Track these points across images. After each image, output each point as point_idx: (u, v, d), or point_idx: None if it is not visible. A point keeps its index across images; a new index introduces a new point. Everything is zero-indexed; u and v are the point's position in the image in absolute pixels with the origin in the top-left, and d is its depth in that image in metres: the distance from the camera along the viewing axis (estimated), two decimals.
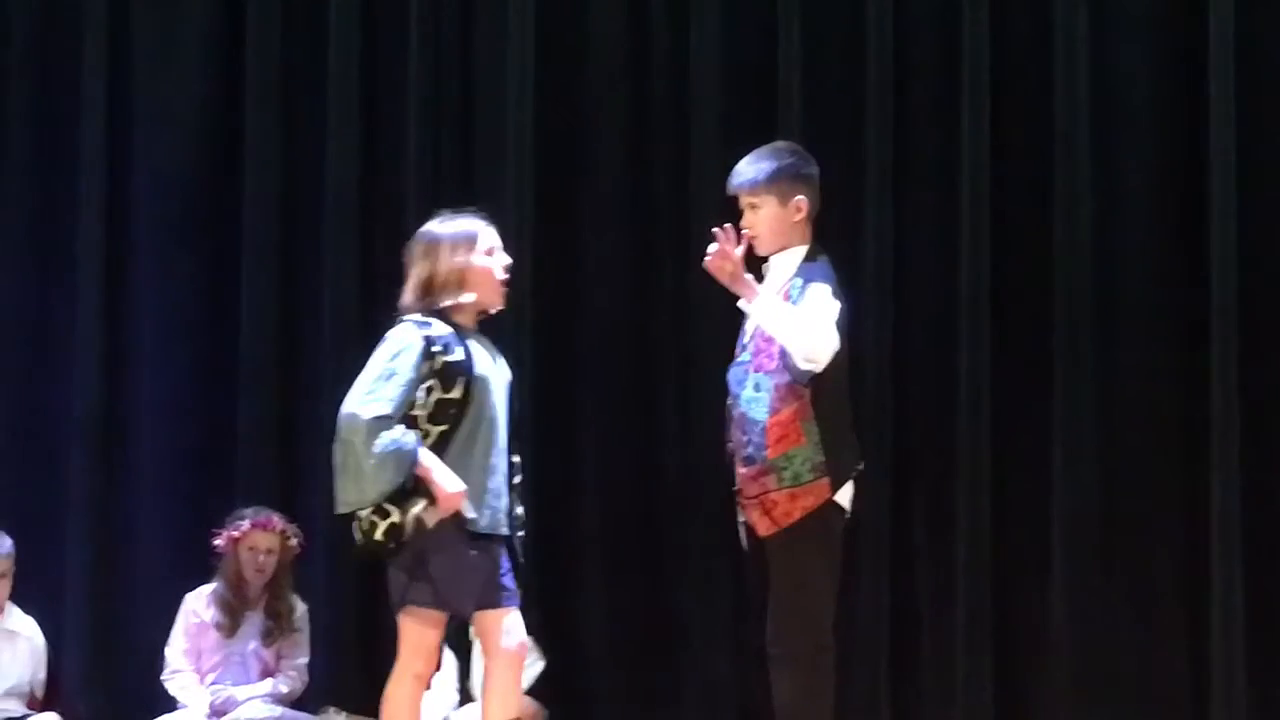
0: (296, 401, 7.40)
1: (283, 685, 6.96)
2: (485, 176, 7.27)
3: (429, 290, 5.65)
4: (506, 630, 5.60)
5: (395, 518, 5.46)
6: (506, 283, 5.74)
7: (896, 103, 7.04)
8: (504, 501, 5.64)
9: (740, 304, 5.82)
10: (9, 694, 6.94)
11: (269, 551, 6.96)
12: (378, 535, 5.48)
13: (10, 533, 6.98)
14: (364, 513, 5.50)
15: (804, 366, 5.70)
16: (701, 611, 7.08)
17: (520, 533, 5.72)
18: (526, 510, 5.80)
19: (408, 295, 5.68)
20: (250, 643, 6.98)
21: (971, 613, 6.90)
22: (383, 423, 5.45)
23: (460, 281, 5.64)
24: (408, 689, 5.59)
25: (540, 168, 7.21)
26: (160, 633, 7.01)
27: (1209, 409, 6.77)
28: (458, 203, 7.07)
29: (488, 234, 5.72)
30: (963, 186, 6.96)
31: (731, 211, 5.93)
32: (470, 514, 5.52)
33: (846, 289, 5.85)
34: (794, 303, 5.75)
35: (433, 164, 7.34)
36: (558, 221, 7.24)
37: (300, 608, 7.06)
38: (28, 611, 7.03)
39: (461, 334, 5.62)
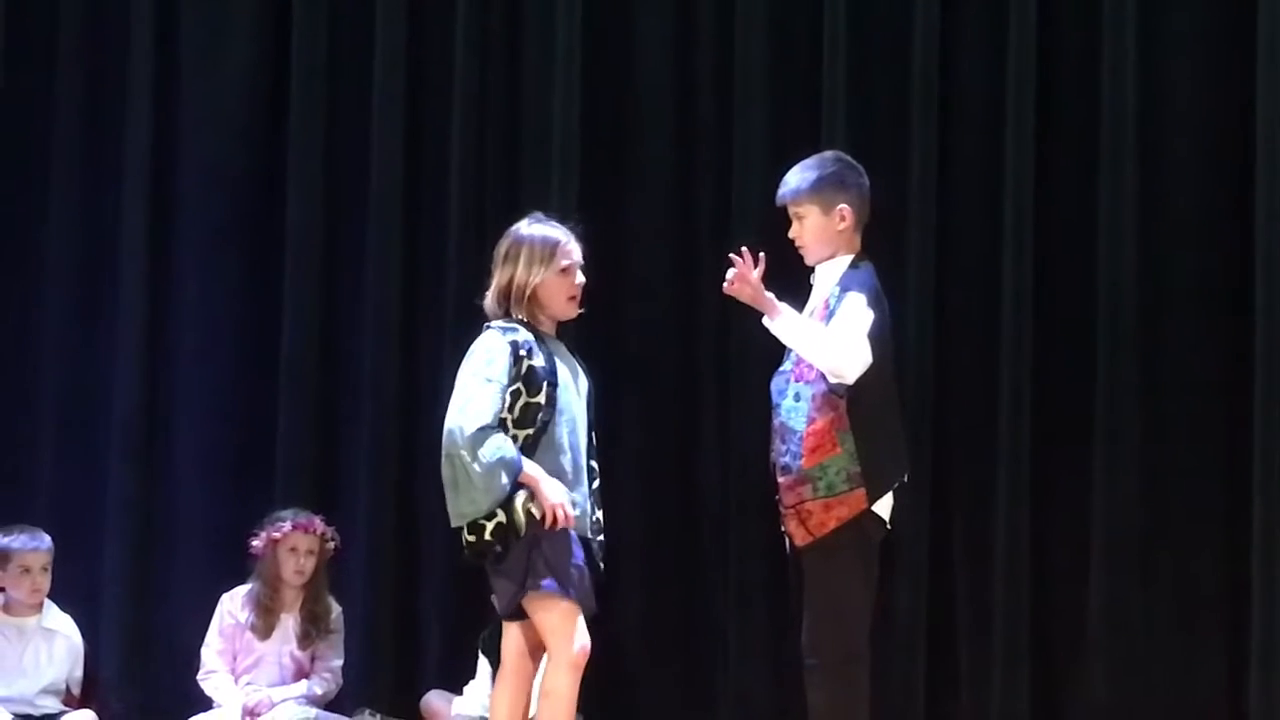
0: (337, 402, 7.41)
1: (317, 687, 6.96)
2: (529, 181, 7.26)
3: (505, 297, 5.70)
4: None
5: (501, 517, 5.50)
6: (580, 298, 5.77)
7: (941, 113, 7.02)
8: (588, 505, 5.68)
9: (764, 321, 5.81)
10: (46, 691, 6.94)
11: (309, 553, 6.96)
12: (486, 535, 5.50)
13: (49, 530, 6.98)
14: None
15: (832, 380, 5.69)
16: (739, 620, 7.06)
17: (600, 537, 5.73)
18: None
19: (488, 299, 5.74)
20: (286, 644, 6.99)
21: (1009, 623, 6.88)
22: (485, 432, 5.49)
23: (532, 295, 5.68)
24: (569, 680, 5.56)
25: (584, 173, 7.20)
26: (197, 632, 7.01)
27: (1251, 419, 6.74)
28: (501, 204, 7.12)
29: (568, 249, 5.74)
30: (1006, 195, 6.94)
31: (778, 221, 5.93)
32: (575, 511, 5.57)
33: (890, 297, 5.84)
34: (833, 310, 5.74)
35: (477, 167, 7.32)
36: (601, 226, 7.22)
37: (336, 610, 7.06)
38: (65, 609, 7.03)
39: (542, 339, 5.68)
